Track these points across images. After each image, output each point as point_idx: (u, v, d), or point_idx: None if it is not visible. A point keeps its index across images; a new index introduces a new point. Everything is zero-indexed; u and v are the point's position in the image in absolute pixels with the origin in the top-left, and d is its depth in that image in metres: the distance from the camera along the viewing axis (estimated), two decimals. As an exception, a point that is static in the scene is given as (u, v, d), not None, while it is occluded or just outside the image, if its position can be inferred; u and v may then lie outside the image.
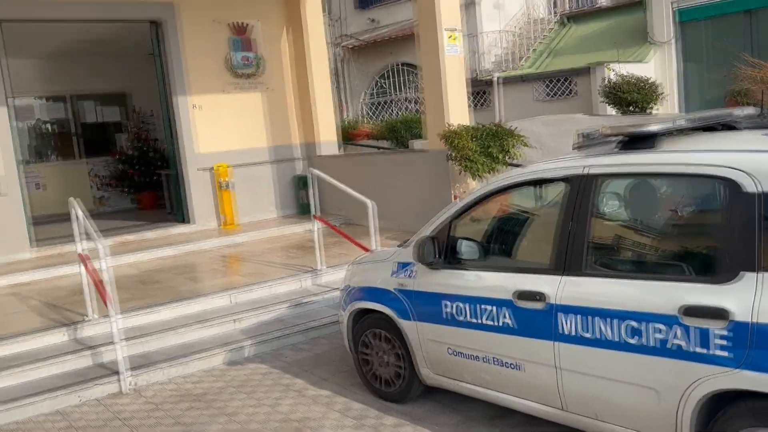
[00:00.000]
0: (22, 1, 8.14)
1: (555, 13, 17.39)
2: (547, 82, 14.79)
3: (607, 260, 3.22)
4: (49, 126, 13.86)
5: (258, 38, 10.01)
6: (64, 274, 7.49)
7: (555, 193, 3.50)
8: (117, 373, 4.78)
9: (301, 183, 10.17)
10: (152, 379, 4.91)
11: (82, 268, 5.45)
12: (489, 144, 7.37)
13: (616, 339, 2.91)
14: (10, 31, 8.55)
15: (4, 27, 8.23)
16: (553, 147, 9.50)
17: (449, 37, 7.65)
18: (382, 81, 18.63)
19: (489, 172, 7.35)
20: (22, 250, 8.18)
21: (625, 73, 11.37)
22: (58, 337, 5.31)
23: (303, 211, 10.16)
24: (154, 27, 9.42)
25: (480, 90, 15.91)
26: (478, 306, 3.50)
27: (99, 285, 5.09)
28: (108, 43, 12.23)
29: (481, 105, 15.98)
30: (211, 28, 9.59)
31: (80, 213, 5.43)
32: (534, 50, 16.48)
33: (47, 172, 12.91)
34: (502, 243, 3.78)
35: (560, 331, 3.11)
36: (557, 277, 3.17)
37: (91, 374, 4.87)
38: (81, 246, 5.59)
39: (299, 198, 10.27)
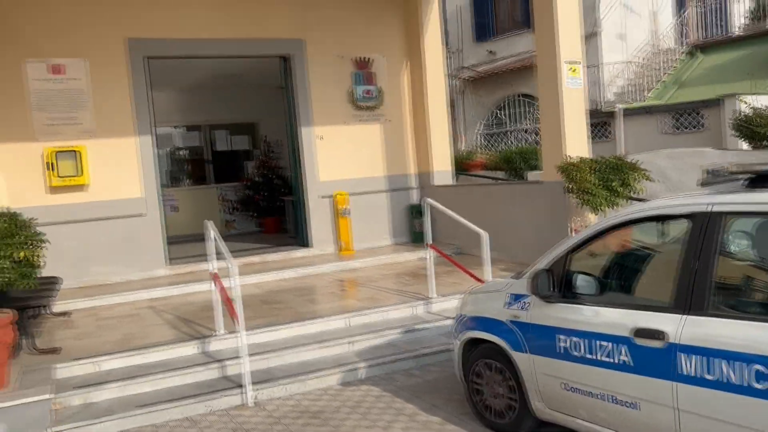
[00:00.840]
0: (169, 40, 8.97)
1: (684, 43, 16.76)
2: (674, 114, 14.23)
3: (734, 300, 3.11)
4: (184, 153, 15.00)
5: (379, 71, 10.40)
6: (194, 291, 8.06)
7: (678, 230, 3.43)
8: (241, 386, 5.10)
9: (415, 212, 10.37)
10: (273, 394, 5.18)
11: (214, 285, 5.87)
12: (610, 177, 7.22)
13: (741, 383, 2.80)
14: (156, 66, 9.41)
15: (151, 63, 9.06)
16: (677, 181, 9.15)
17: (570, 70, 7.61)
18: (499, 112, 18.64)
19: (609, 206, 7.20)
20: (159, 268, 8.89)
21: (759, 106, 10.76)
22: (190, 349, 5.73)
23: (416, 239, 10.36)
24: (283, 62, 10.03)
25: (601, 122, 15.55)
26: (594, 342, 3.47)
27: (228, 302, 5.46)
28: (240, 77, 13.14)
29: (602, 137, 15.60)
30: (335, 63, 10.07)
31: (214, 234, 5.86)
32: (660, 81, 15.94)
33: (181, 196, 13.94)
34: (620, 279, 3.73)
35: (680, 372, 3.03)
36: (679, 316, 3.10)
37: (218, 386, 5.21)
38: (213, 265, 6.02)
39: (413, 226, 10.47)
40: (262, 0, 9.52)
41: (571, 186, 7.36)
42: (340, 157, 10.08)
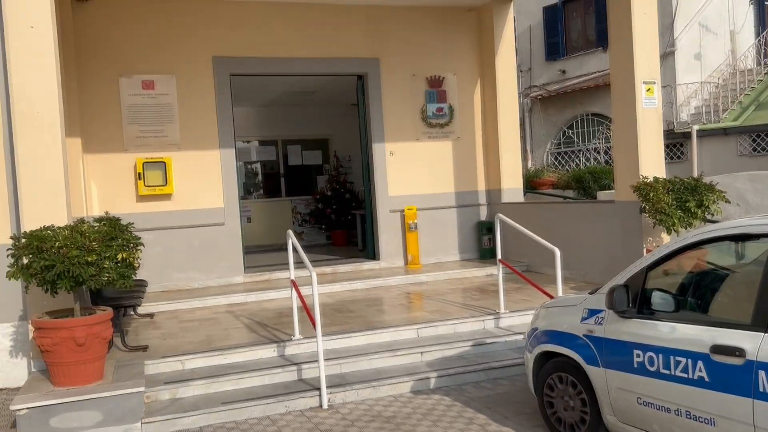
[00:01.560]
0: (251, 59, 9.41)
1: (765, 63, 16.30)
2: (752, 135, 13.83)
3: (816, 321, 3.11)
4: (259, 166, 15.55)
5: (451, 90, 10.58)
6: (270, 298, 8.39)
7: (758, 249, 3.45)
8: (317, 389, 5.31)
9: (484, 228, 10.45)
10: (347, 398, 5.38)
11: (293, 292, 6.14)
12: (686, 198, 7.16)
13: (824, 402, 2.81)
14: (237, 83, 9.87)
15: (233, 80, 9.52)
16: (757, 204, 8.94)
17: (646, 90, 7.60)
18: (570, 131, 18.51)
19: (684, 227, 7.12)
20: (237, 275, 9.27)
21: None
22: (268, 352, 5.99)
23: (483, 255, 10.43)
24: (358, 80, 10.34)
25: (675, 142, 15.26)
26: (670, 357, 3.51)
27: (306, 309, 5.70)
28: (314, 94, 13.58)
29: (676, 158, 15.30)
30: (409, 81, 10.31)
31: (295, 244, 6.13)
32: (738, 102, 15.52)
33: (255, 207, 14.45)
34: (698, 296, 3.75)
35: (760, 389, 3.05)
36: (759, 334, 3.12)
37: (295, 387, 5.45)
38: (293, 273, 6.30)
39: (481, 243, 10.54)
40: (339, 21, 9.87)
41: (645, 206, 7.32)
42: (410, 172, 10.29)
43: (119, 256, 4.99)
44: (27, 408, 4.75)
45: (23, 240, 4.96)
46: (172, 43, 9.07)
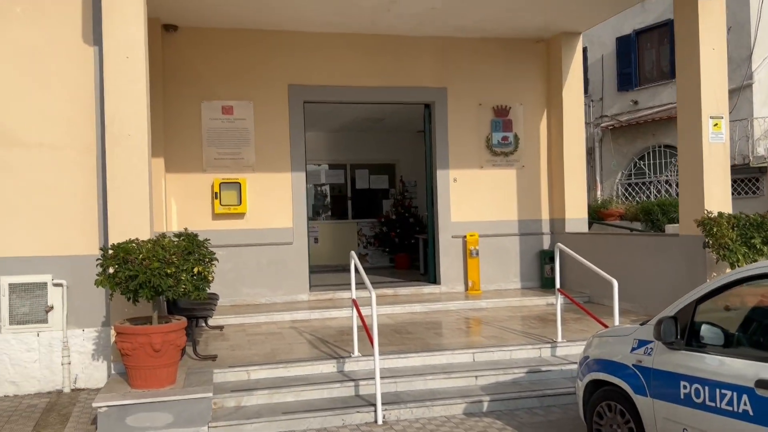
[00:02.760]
0: (324, 87, 9.85)
1: None
2: (834, 172, 13.33)
3: None
4: (327, 189, 16.04)
5: (516, 119, 10.72)
6: (332, 316, 8.69)
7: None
8: (373, 405, 5.53)
9: (546, 257, 10.48)
10: (401, 416, 5.57)
11: (354, 311, 6.41)
12: (751, 234, 7.06)
13: None
14: (311, 109, 10.33)
15: (306, 107, 9.97)
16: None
17: (714, 125, 7.56)
18: (641, 162, 18.24)
19: (748, 264, 7.01)
20: (302, 293, 9.64)
21: None
22: (329, 367, 6.26)
23: (545, 284, 10.45)
24: (426, 108, 10.63)
25: (750, 177, 14.84)
26: (716, 390, 3.56)
27: (366, 328, 5.95)
28: (382, 121, 13.98)
29: (751, 193, 14.86)
30: (475, 110, 10.53)
31: (357, 264, 6.41)
32: (819, 137, 14.98)
33: (323, 228, 14.90)
34: (746, 331, 3.79)
35: (803, 425, 3.09)
36: (804, 371, 3.16)
37: (352, 402, 5.69)
38: (354, 293, 6.58)
39: (543, 272, 10.57)
40: (408, 51, 10.21)
41: (709, 241, 7.25)
42: (473, 199, 10.46)
43: (195, 270, 5.38)
44: (107, 406, 5.17)
45: (110, 251, 5.42)
46: (251, 71, 9.61)
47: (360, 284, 6.43)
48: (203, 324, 7.63)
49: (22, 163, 6.70)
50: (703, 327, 3.77)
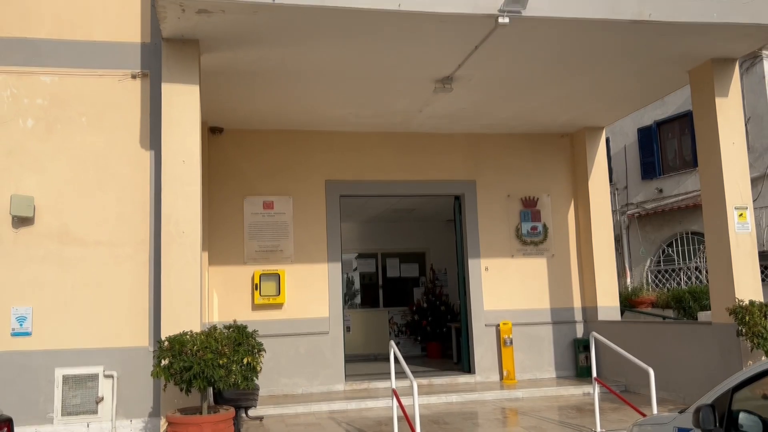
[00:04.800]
0: (359, 182, 10.35)
1: None
2: None
3: None
4: (359, 277, 16.33)
5: (544, 209, 11.06)
6: (369, 406, 8.78)
7: None
8: (416, 495, 5.61)
9: (581, 346, 10.52)
10: (444, 507, 5.63)
11: (394, 401, 6.55)
12: (784, 322, 7.14)
13: None
14: (345, 202, 10.79)
15: (342, 201, 10.44)
16: None
17: (739, 215, 7.80)
18: (669, 249, 18.31)
19: (785, 352, 7.07)
20: (338, 383, 9.77)
21: None
22: (370, 457, 6.36)
23: (580, 373, 10.44)
24: (456, 200, 11.04)
25: (781, 262, 14.79)
26: (757, 478, 3.65)
27: (407, 419, 6.09)
28: (413, 211, 14.41)
29: (783, 278, 14.77)
30: (504, 201, 10.91)
31: (397, 354, 6.61)
32: None
33: (354, 317, 15.07)
34: (783, 419, 3.90)
35: None
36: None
37: (395, 493, 5.75)
38: (394, 382, 6.74)
39: (577, 360, 10.58)
40: (439, 147, 10.74)
41: (742, 329, 7.34)
42: (505, 288, 10.66)
43: (245, 360, 5.64)
44: (158, 495, 5.33)
45: (166, 343, 5.73)
46: (291, 168, 10.17)
47: (399, 374, 6.59)
48: (244, 414, 7.79)
49: (81, 260, 7.13)
50: (741, 415, 3.89)
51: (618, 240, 18.91)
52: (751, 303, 7.40)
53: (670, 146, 18.28)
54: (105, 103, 7.29)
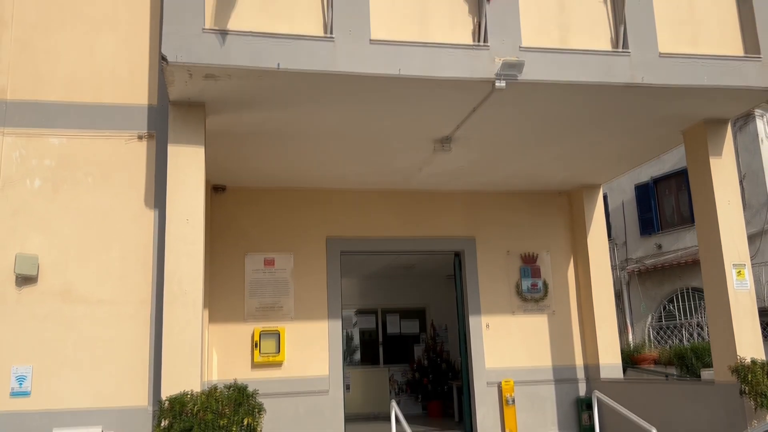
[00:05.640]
0: (359, 239, 10.45)
1: None
2: None
3: None
4: (359, 334, 16.23)
5: (544, 266, 11.11)
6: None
7: None
8: None
9: (583, 405, 10.40)
10: None
11: (395, 462, 6.48)
12: (787, 381, 7.11)
13: None
14: (346, 259, 10.85)
15: (342, 258, 10.50)
16: None
17: (737, 273, 7.86)
18: (670, 305, 18.27)
19: (788, 411, 7.02)
20: (338, 443, 9.63)
21: None
22: None
23: (584, 432, 10.31)
24: (455, 257, 11.10)
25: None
26: None
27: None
28: (413, 268, 14.46)
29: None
30: (504, 258, 10.97)
31: (398, 414, 6.57)
32: None
33: (354, 375, 14.91)
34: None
35: None
36: None
37: None
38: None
39: (581, 420, 10.45)
40: (438, 204, 10.87)
41: (745, 388, 7.30)
42: (506, 345, 10.61)
43: (245, 421, 5.61)
44: None
45: (166, 403, 5.70)
46: (292, 225, 10.26)
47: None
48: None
49: (83, 319, 7.12)
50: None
51: (618, 296, 18.89)
52: (753, 362, 7.38)
53: (668, 202, 18.47)
54: (111, 164, 7.42)
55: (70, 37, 7.39)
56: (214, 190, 10.02)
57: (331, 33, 6.53)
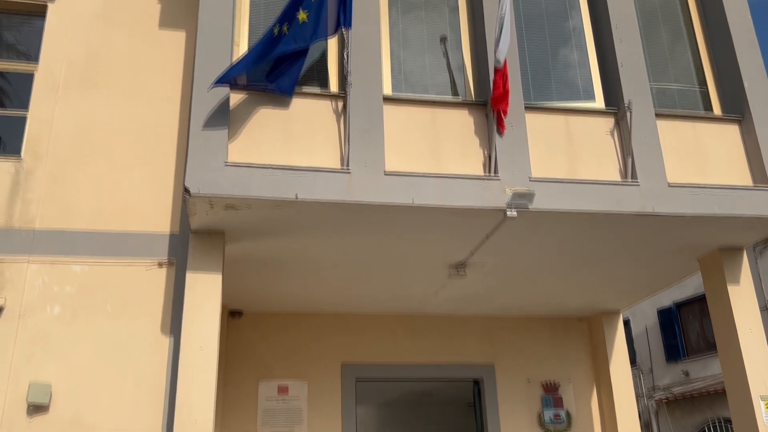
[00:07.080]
0: (376, 365, 10.28)
1: None
2: None
3: None
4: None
5: (567, 395, 10.76)
6: None
7: None
8: None
9: None
10: None
11: None
12: None
13: None
14: (362, 387, 10.62)
15: (358, 385, 10.29)
16: None
17: (766, 405, 7.55)
18: (702, 436, 17.40)
19: None
20: None
21: None
22: None
23: None
24: (474, 384, 10.82)
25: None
26: None
27: None
28: (431, 396, 14.08)
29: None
30: (525, 386, 10.67)
31: None
32: None
33: None
34: None
35: None
36: None
37: None
38: None
39: None
40: (456, 330, 10.75)
41: None
42: (530, 481, 10.10)
43: None
44: None
45: None
46: (307, 351, 10.16)
47: None
48: None
49: (90, 449, 6.98)
50: None
51: (648, 426, 18.08)
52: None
53: (692, 328, 18.08)
54: (130, 291, 7.52)
55: (100, 171, 7.74)
56: (231, 315, 10.05)
57: (348, 166, 6.81)
